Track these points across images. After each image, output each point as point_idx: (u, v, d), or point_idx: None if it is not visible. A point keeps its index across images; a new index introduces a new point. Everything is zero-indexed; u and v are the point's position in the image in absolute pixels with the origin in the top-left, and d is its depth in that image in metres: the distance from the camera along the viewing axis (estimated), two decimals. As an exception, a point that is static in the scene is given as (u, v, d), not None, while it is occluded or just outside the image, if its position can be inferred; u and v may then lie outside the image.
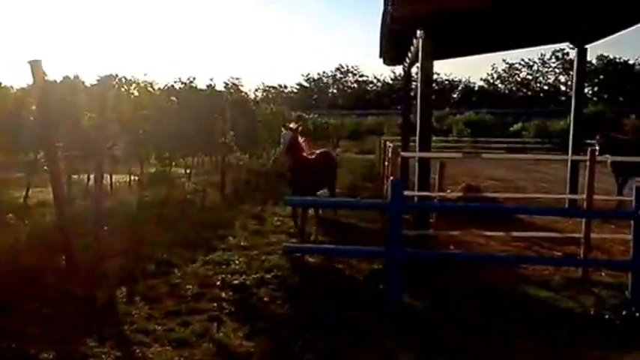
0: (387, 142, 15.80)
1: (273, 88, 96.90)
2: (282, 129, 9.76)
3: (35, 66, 6.89)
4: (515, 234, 9.67)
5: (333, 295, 6.95)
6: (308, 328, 5.95)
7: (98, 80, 10.98)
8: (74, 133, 10.12)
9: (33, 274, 7.11)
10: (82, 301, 6.49)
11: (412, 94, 18.67)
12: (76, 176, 12.07)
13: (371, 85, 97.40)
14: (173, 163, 13.42)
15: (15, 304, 6.29)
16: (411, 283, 7.03)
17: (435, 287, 7.18)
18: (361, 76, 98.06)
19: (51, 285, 6.90)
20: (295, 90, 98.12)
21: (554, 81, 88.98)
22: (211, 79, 12.58)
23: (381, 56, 16.15)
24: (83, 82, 11.91)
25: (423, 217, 9.62)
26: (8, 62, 70.38)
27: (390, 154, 10.67)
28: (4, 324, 5.78)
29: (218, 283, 7.37)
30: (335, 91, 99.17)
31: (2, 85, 10.62)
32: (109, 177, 13.43)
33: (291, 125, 9.69)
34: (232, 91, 14.47)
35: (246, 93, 16.14)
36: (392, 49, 14.07)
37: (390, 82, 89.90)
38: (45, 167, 8.88)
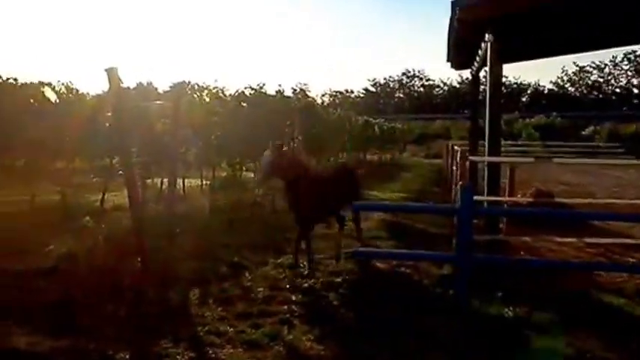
0: (455, 147, 15.66)
1: (340, 93, 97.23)
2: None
3: (111, 73, 7.11)
4: (587, 240, 9.40)
5: (402, 300, 6.92)
6: (377, 332, 5.95)
7: (171, 87, 11.28)
8: (148, 138, 10.39)
9: (109, 276, 7.32)
10: (156, 303, 6.67)
11: (480, 97, 18.44)
12: (149, 180, 12.38)
13: (437, 89, 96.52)
14: (243, 168, 13.63)
15: (92, 305, 6.50)
16: (481, 288, 6.95)
17: (505, 293, 7.03)
18: (427, 80, 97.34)
19: (126, 286, 7.08)
20: (362, 95, 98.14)
21: (626, 84, 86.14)
22: (279, 85, 12.76)
23: (448, 60, 15.98)
24: (156, 89, 12.25)
25: (493, 222, 9.48)
26: (84, 69, 73.54)
27: (458, 159, 10.54)
28: (82, 324, 5.99)
29: (288, 286, 7.44)
30: (401, 95, 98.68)
31: (79, 92, 10.99)
32: (181, 181, 13.77)
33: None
34: (300, 96, 14.56)
35: (313, 98, 16.21)
36: (459, 53, 13.90)
37: (457, 85, 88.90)
38: (120, 172, 9.18)
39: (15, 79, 9.55)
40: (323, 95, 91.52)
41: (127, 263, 7.74)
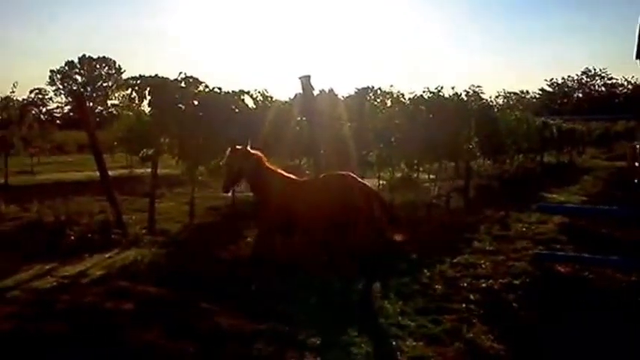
0: (643, 148, 14.86)
1: (514, 94, 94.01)
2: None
3: (305, 81, 7.64)
4: None
5: (587, 305, 6.77)
6: (560, 335, 5.93)
7: (356, 92, 11.79)
8: (334, 141, 10.92)
9: (301, 266, 7.93)
10: (341, 293, 7.10)
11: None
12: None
13: (621, 89, 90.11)
14: (420, 169, 13.88)
15: (286, 293, 7.01)
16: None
17: None
18: (610, 79, 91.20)
19: (315, 277, 7.59)
20: (537, 95, 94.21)
21: None
22: (453, 88, 12.80)
23: (638, 57, 15.19)
24: (336, 95, 12.78)
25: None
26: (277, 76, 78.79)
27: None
28: (278, 310, 6.47)
29: (465, 285, 7.52)
30: (580, 95, 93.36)
31: (274, 99, 11.82)
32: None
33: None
34: (474, 98, 14.48)
35: (487, 100, 16.01)
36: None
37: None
38: (307, 172, 9.79)
39: (219, 89, 10.58)
40: (496, 97, 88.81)
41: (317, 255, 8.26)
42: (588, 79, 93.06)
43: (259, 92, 11.42)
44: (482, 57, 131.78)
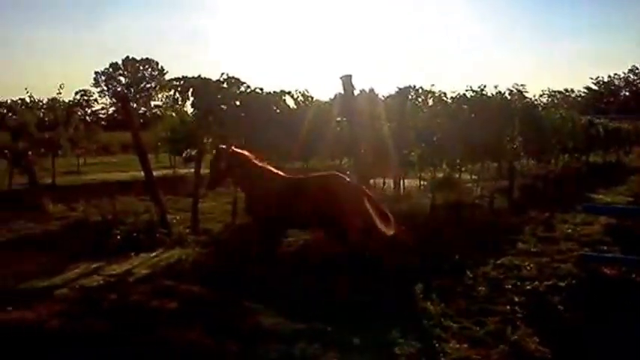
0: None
1: (559, 92, 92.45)
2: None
3: (346, 80, 7.64)
4: None
5: (633, 307, 6.60)
6: (606, 337, 5.81)
7: (398, 91, 11.74)
8: (374, 141, 10.90)
9: (332, 266, 7.79)
10: (378, 292, 7.01)
11: None
12: (372, 181, 12.90)
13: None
14: (462, 169, 13.75)
15: (321, 292, 7.03)
16: None
17: None
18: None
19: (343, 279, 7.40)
20: (583, 94, 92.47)
21: None
22: (496, 87, 12.63)
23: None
24: (376, 95, 12.74)
25: None
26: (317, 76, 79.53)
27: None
28: (316, 310, 6.44)
29: (509, 287, 7.42)
30: (627, 93, 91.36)
31: (314, 99, 11.87)
32: (401, 181, 14.21)
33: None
34: (517, 97, 14.27)
35: (530, 99, 15.74)
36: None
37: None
38: (348, 172, 9.77)
39: (261, 89, 10.66)
40: (540, 95, 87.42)
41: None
42: (635, 77, 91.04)
43: (300, 92, 11.52)
44: (520, 55, 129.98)
